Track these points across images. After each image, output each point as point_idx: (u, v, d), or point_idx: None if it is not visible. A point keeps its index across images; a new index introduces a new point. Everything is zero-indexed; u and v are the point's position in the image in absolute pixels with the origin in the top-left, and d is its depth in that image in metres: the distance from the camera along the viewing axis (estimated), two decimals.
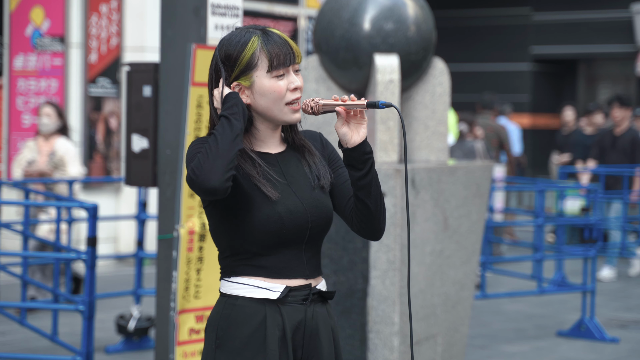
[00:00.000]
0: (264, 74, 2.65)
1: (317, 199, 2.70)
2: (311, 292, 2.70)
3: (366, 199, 2.68)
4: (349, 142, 2.64)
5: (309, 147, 2.77)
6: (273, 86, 2.65)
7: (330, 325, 2.75)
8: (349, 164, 2.66)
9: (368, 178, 2.66)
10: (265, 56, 2.64)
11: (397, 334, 5.25)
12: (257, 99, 2.66)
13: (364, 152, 2.64)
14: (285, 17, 12.62)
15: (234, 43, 2.67)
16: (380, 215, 2.72)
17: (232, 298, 2.68)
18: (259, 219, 2.62)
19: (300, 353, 2.69)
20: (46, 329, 6.77)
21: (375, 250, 5.26)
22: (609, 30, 18.30)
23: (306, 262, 2.70)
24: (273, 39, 2.66)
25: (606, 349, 7.42)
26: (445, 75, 5.91)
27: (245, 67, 2.65)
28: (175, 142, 4.89)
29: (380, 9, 5.59)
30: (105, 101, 10.77)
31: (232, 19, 5.07)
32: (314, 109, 2.66)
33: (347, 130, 2.64)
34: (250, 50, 2.64)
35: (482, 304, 8.77)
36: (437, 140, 5.88)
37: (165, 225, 5.00)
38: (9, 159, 10.84)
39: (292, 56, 2.67)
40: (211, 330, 2.71)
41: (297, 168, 2.74)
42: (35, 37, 10.76)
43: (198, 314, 4.79)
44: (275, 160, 2.72)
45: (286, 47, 2.66)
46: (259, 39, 2.66)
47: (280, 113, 2.67)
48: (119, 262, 10.82)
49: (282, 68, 2.65)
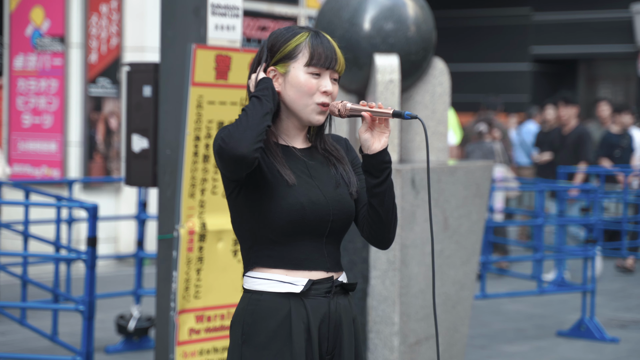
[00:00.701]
0: (301, 67, 2.71)
1: (340, 194, 2.75)
2: (334, 285, 2.74)
3: (379, 207, 2.73)
4: (370, 149, 2.69)
5: (338, 154, 2.83)
6: (307, 80, 2.71)
7: (352, 317, 2.81)
8: (367, 170, 2.71)
9: (383, 187, 2.71)
10: (308, 51, 2.71)
11: (397, 334, 5.25)
12: (287, 88, 2.72)
13: (382, 160, 2.70)
14: (285, 17, 12.62)
15: (284, 33, 2.75)
16: (390, 224, 2.77)
17: (256, 294, 2.72)
18: (281, 208, 2.66)
19: (326, 345, 2.74)
20: (46, 329, 6.77)
21: (375, 251, 5.26)
22: (609, 30, 18.31)
23: (327, 256, 2.74)
24: (321, 40, 2.73)
25: (606, 349, 7.42)
26: (445, 75, 5.91)
27: (286, 56, 2.72)
28: (175, 142, 4.89)
29: (380, 9, 5.59)
30: (105, 101, 10.77)
31: (232, 19, 5.07)
32: (340, 111, 2.71)
33: (370, 136, 2.69)
34: (296, 41, 2.72)
35: (482, 304, 8.77)
36: (437, 140, 5.88)
37: (165, 225, 5.00)
38: (10, 159, 10.84)
39: (334, 61, 2.73)
40: (237, 326, 2.75)
41: (322, 166, 2.79)
42: (35, 37, 10.76)
43: (198, 314, 4.79)
44: (300, 154, 2.77)
45: (331, 51, 2.73)
46: (308, 34, 2.73)
47: (305, 109, 2.72)
48: (119, 262, 10.82)
49: (320, 68, 2.71)
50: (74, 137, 10.66)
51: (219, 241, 4.83)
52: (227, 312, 4.90)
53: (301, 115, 2.73)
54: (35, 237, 6.92)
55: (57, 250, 7.07)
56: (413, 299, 5.38)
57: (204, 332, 4.82)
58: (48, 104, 10.69)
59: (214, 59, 4.71)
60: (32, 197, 8.18)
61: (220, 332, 4.89)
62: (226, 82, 4.78)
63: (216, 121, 4.77)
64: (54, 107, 10.67)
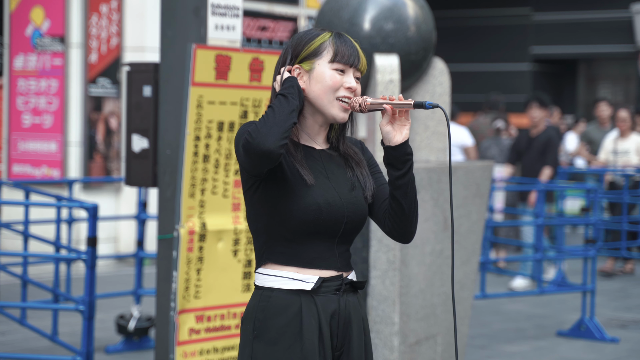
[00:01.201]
0: (326, 63, 2.77)
1: (355, 197, 2.80)
2: (343, 283, 2.79)
3: (402, 199, 2.76)
4: (392, 141, 2.73)
5: (357, 157, 2.87)
6: (331, 75, 2.76)
7: (361, 315, 2.85)
8: (389, 163, 2.75)
9: (406, 178, 2.75)
10: (332, 48, 2.77)
11: (397, 334, 5.25)
12: (312, 84, 2.77)
13: (404, 152, 2.73)
14: (285, 17, 12.62)
15: (307, 33, 2.82)
16: (412, 217, 2.81)
17: (267, 290, 2.75)
18: (298, 207, 2.70)
19: (335, 342, 2.77)
20: (46, 329, 6.77)
21: (375, 250, 5.26)
22: (609, 30, 18.30)
23: (338, 256, 2.79)
24: (344, 39, 2.80)
25: (606, 349, 7.42)
26: (445, 75, 5.91)
27: (311, 53, 2.78)
28: (175, 142, 4.89)
29: (380, 9, 5.59)
30: (105, 101, 10.77)
31: (232, 19, 5.07)
32: (361, 106, 2.75)
33: (391, 129, 2.73)
34: (320, 40, 2.79)
35: (482, 304, 8.77)
36: (437, 140, 5.88)
37: (165, 225, 5.00)
38: (9, 159, 10.84)
39: (357, 59, 2.79)
40: (248, 322, 2.77)
41: (339, 168, 2.83)
42: (36, 37, 10.76)
43: (198, 314, 4.79)
44: (319, 155, 2.81)
45: (354, 50, 2.79)
46: (332, 34, 2.80)
47: (329, 104, 2.76)
48: (119, 262, 10.83)
49: (344, 64, 2.77)
50: (74, 137, 10.66)
51: (219, 241, 4.83)
52: (227, 312, 4.90)
53: (325, 111, 2.77)
54: (36, 237, 6.92)
55: (57, 250, 7.06)
56: (413, 299, 5.38)
57: (204, 332, 4.83)
58: (48, 104, 10.69)
59: (214, 59, 4.71)
60: (32, 197, 8.17)
61: (220, 332, 4.89)
62: (226, 82, 4.78)
63: (216, 121, 4.77)
64: (54, 107, 10.67)
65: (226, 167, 4.86)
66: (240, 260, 4.91)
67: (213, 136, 4.78)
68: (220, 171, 4.83)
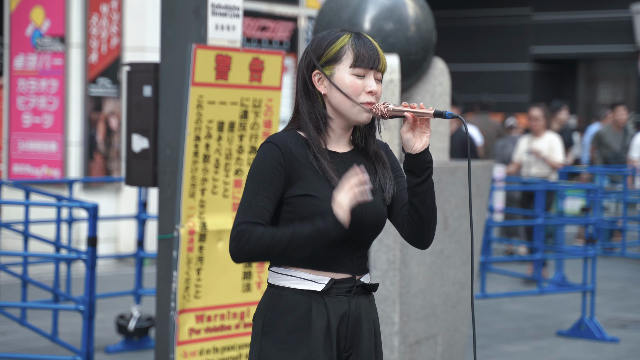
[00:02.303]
0: (346, 69, 2.76)
1: (374, 202, 2.78)
2: (355, 285, 2.79)
3: (420, 206, 2.77)
4: (412, 149, 2.73)
5: (383, 158, 2.87)
6: (352, 81, 2.76)
7: (372, 317, 2.85)
8: (408, 170, 2.75)
9: (425, 185, 2.75)
10: (352, 52, 2.77)
11: (397, 334, 5.25)
12: (333, 90, 2.77)
13: (424, 160, 2.74)
14: (285, 17, 12.62)
15: (326, 36, 2.80)
16: (431, 224, 2.81)
17: (278, 289, 2.77)
18: (316, 213, 2.69)
19: (344, 343, 2.78)
20: (46, 329, 6.77)
21: (375, 250, 5.26)
22: (609, 30, 18.30)
23: (355, 260, 2.79)
24: (364, 41, 2.80)
25: (606, 349, 7.42)
26: (446, 75, 5.91)
27: (332, 59, 2.77)
28: (175, 142, 4.89)
29: (380, 9, 5.59)
30: (105, 101, 10.77)
31: (232, 19, 5.07)
32: (382, 112, 2.75)
33: (412, 136, 2.73)
34: (340, 43, 2.78)
35: (482, 304, 8.77)
36: (437, 140, 5.88)
37: (166, 225, 5.00)
38: (9, 159, 10.85)
39: (377, 61, 2.79)
40: (258, 319, 2.79)
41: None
42: (36, 37, 10.77)
43: (198, 313, 4.79)
44: (342, 159, 2.80)
45: (374, 52, 2.80)
46: (351, 37, 2.79)
47: (352, 109, 2.76)
48: (119, 262, 10.83)
49: (364, 68, 2.77)
50: (74, 137, 10.66)
51: (219, 241, 4.83)
52: (227, 312, 4.90)
53: (349, 115, 2.77)
54: (36, 237, 6.93)
55: (57, 250, 7.07)
56: (413, 299, 5.39)
57: (204, 332, 4.83)
58: (48, 103, 10.70)
59: (214, 59, 4.71)
60: (32, 197, 8.17)
61: (221, 332, 4.89)
62: (226, 82, 4.78)
63: (216, 121, 4.78)
64: (54, 107, 10.67)
65: (226, 167, 4.86)
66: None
67: (213, 136, 4.78)
68: (220, 171, 4.83)
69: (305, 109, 2.78)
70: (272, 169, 2.70)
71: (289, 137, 2.75)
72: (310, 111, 2.78)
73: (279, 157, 2.70)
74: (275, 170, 2.70)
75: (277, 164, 2.70)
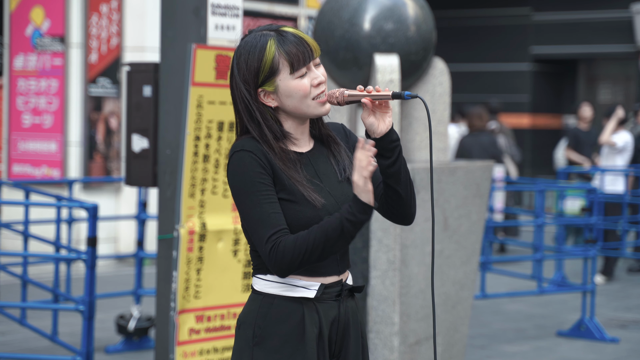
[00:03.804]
0: (287, 76, 2.66)
1: (346, 194, 2.73)
2: (343, 288, 2.75)
3: (396, 186, 2.70)
4: (376, 132, 2.65)
5: (334, 138, 2.79)
6: (297, 85, 2.66)
7: (358, 318, 2.82)
8: (378, 153, 2.66)
9: (397, 165, 2.68)
10: (285, 59, 2.65)
11: (397, 334, 5.25)
12: (284, 100, 2.68)
13: (391, 140, 2.66)
14: (285, 17, 12.61)
15: (251, 51, 2.66)
16: (410, 200, 2.75)
17: (268, 297, 2.70)
18: (302, 223, 2.64)
19: (334, 348, 2.75)
20: (46, 329, 6.77)
21: (375, 250, 5.26)
22: (609, 30, 18.30)
23: (339, 259, 2.76)
24: (289, 39, 2.66)
25: (606, 349, 7.42)
26: (446, 75, 5.91)
27: (268, 74, 2.65)
28: (175, 142, 4.89)
29: (380, 9, 5.59)
30: (105, 101, 10.77)
31: (232, 19, 5.07)
32: (339, 99, 2.68)
33: (374, 120, 2.65)
34: (269, 55, 2.64)
35: (482, 304, 8.77)
36: (437, 140, 5.88)
37: (165, 225, 5.00)
38: (9, 159, 10.84)
39: (311, 53, 2.68)
40: (247, 327, 2.71)
41: (326, 163, 2.76)
42: (36, 37, 10.77)
43: (198, 314, 4.79)
44: (308, 159, 2.74)
45: (303, 45, 2.66)
46: (274, 42, 2.65)
47: (308, 108, 2.69)
48: (119, 262, 10.83)
49: (303, 67, 2.66)
50: (74, 137, 10.66)
51: (219, 241, 4.83)
52: (227, 312, 4.90)
53: (308, 114, 2.70)
54: (35, 237, 6.92)
55: (57, 250, 7.07)
56: (413, 299, 5.38)
57: (204, 332, 4.82)
58: (48, 103, 10.70)
59: (214, 58, 4.71)
60: (32, 197, 8.18)
61: (220, 332, 4.89)
62: (226, 82, 4.78)
63: (216, 121, 4.77)
64: (54, 107, 10.67)
65: (226, 167, 4.86)
66: (240, 260, 4.91)
67: (213, 136, 4.78)
68: (220, 171, 4.83)
69: (257, 132, 2.67)
70: (259, 175, 2.62)
71: (256, 143, 2.66)
72: (261, 133, 2.67)
73: (258, 162, 2.63)
74: (262, 175, 2.62)
75: (261, 169, 2.62)
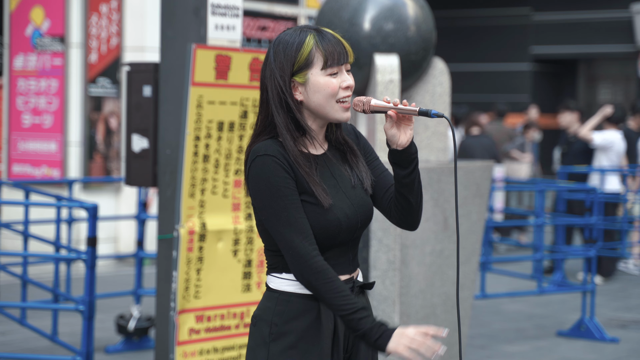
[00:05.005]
0: (319, 72, 2.72)
1: (361, 197, 2.79)
2: (355, 285, 2.79)
3: (409, 195, 2.76)
4: (397, 143, 2.71)
5: (352, 147, 2.84)
6: (327, 82, 2.72)
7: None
8: (395, 163, 2.74)
9: (413, 176, 2.74)
10: (321, 54, 2.72)
11: None
12: (310, 95, 2.72)
13: (410, 152, 2.72)
14: (285, 17, 12.62)
15: (290, 42, 2.74)
16: (419, 208, 2.82)
17: (284, 294, 2.74)
18: (319, 224, 2.68)
19: (346, 344, 2.79)
20: (46, 329, 6.77)
21: (375, 250, 5.26)
22: (609, 30, 18.31)
23: (352, 258, 2.80)
24: (327, 38, 2.74)
25: (606, 349, 7.42)
26: (445, 75, 5.91)
27: (302, 66, 2.72)
28: (175, 142, 4.89)
29: (380, 9, 5.59)
30: (105, 101, 10.77)
31: (232, 19, 5.07)
32: (364, 107, 2.73)
33: (396, 131, 2.71)
34: (307, 48, 2.72)
35: (482, 304, 8.77)
36: (437, 140, 5.88)
37: (165, 225, 5.00)
38: (9, 159, 10.84)
39: (345, 55, 2.76)
40: (263, 324, 2.75)
41: (340, 167, 2.81)
42: (35, 37, 10.76)
43: (198, 314, 4.79)
44: (323, 161, 2.78)
45: (340, 46, 2.76)
46: (314, 37, 2.73)
47: (331, 110, 2.73)
48: (119, 262, 10.83)
49: (336, 66, 2.73)
50: (74, 137, 10.66)
51: (219, 241, 4.83)
52: (227, 312, 4.90)
53: (329, 116, 2.74)
54: (35, 237, 6.92)
55: (57, 250, 7.06)
56: (413, 299, 5.38)
57: (204, 332, 4.83)
58: (48, 103, 10.69)
59: (214, 59, 4.71)
60: (32, 197, 8.17)
61: (220, 332, 4.89)
62: (226, 82, 4.78)
63: (216, 121, 4.77)
64: (54, 107, 10.67)
65: (226, 167, 4.86)
66: (240, 260, 4.91)
67: (213, 136, 4.78)
68: (220, 171, 4.83)
69: (281, 120, 2.72)
70: (284, 179, 2.67)
71: (277, 147, 2.70)
72: (287, 122, 2.72)
73: (282, 166, 2.67)
74: (287, 180, 2.67)
75: (285, 174, 2.67)
